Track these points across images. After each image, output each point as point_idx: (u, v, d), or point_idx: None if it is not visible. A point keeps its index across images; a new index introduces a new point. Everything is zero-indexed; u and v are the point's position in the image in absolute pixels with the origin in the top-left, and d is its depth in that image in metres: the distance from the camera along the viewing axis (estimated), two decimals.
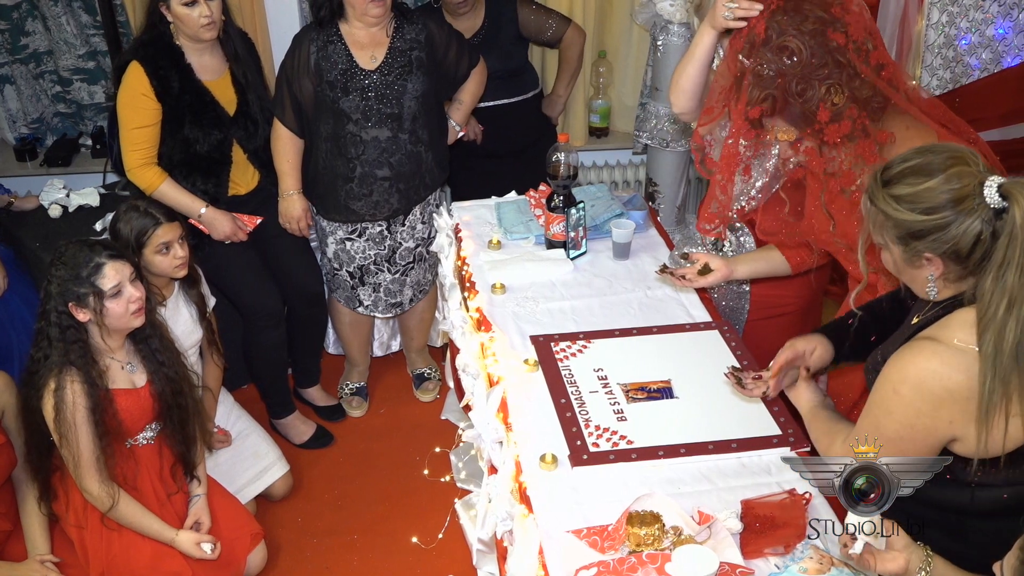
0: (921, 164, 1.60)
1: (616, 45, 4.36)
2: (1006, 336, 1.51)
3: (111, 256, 2.46)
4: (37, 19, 4.14)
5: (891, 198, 1.61)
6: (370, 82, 3.15)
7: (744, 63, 2.01)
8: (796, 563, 1.81)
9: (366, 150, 3.20)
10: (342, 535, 3.17)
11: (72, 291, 2.41)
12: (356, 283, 3.46)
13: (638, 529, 1.85)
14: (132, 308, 2.48)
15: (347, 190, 3.26)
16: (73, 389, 2.44)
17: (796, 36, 1.94)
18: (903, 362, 1.64)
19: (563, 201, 2.88)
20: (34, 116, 4.37)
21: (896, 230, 1.63)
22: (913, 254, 1.63)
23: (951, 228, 1.55)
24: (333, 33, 3.15)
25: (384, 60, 3.16)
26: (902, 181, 1.60)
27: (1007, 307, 1.50)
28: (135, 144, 3.06)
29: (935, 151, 1.61)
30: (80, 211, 3.75)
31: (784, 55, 1.94)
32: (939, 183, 1.56)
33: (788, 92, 1.96)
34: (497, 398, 2.34)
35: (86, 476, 2.50)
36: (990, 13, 3.18)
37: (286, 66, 3.19)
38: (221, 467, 3.05)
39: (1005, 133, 3.28)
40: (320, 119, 3.19)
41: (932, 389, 1.59)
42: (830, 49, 1.92)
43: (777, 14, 1.97)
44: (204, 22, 2.99)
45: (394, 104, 3.17)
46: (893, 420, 1.65)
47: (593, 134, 4.50)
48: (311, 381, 3.73)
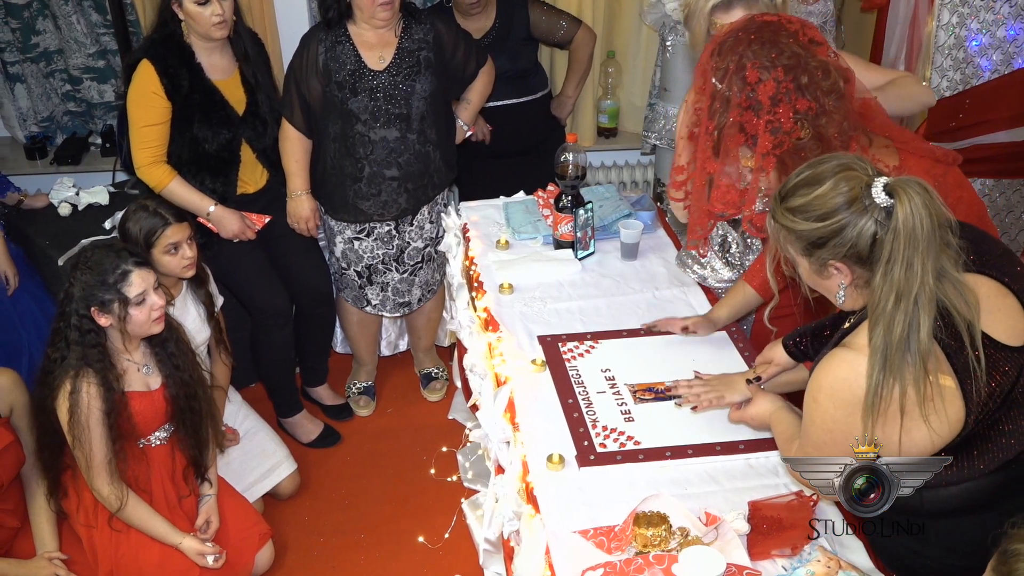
0: (811, 175, 1.65)
1: (625, 45, 4.36)
2: (894, 329, 1.55)
3: (137, 263, 2.47)
4: (48, 18, 4.16)
5: (787, 211, 1.66)
6: (378, 83, 3.15)
7: (716, 86, 2.03)
8: (803, 565, 1.80)
9: (374, 150, 3.20)
10: (349, 534, 3.18)
11: (96, 296, 2.42)
12: (364, 282, 3.46)
13: (645, 530, 1.85)
14: (154, 315, 2.49)
15: (355, 190, 3.26)
16: (89, 392, 2.45)
17: (768, 68, 1.96)
18: (820, 372, 1.69)
19: (571, 201, 2.87)
20: (44, 115, 4.38)
21: (799, 242, 1.68)
22: (820, 264, 1.67)
23: (847, 231, 1.60)
24: (341, 34, 3.15)
25: (392, 61, 3.16)
26: (795, 193, 1.66)
27: (895, 301, 1.55)
28: (144, 142, 3.07)
29: (824, 161, 1.67)
30: (90, 209, 3.77)
31: (754, 88, 1.97)
32: (828, 189, 1.61)
33: (753, 124, 1.98)
34: (504, 398, 2.33)
35: (97, 477, 2.51)
36: (1001, 14, 3.17)
37: (294, 66, 3.19)
38: (229, 465, 3.06)
39: (1014, 135, 3.27)
40: (328, 119, 3.20)
41: (843, 397, 1.63)
42: (801, 86, 1.95)
43: (754, 45, 1.99)
44: (216, 21, 3.00)
45: (402, 104, 3.17)
46: (815, 427, 1.70)
47: (602, 134, 4.50)
48: (318, 380, 3.74)
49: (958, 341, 1.58)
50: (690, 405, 2.25)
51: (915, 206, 1.53)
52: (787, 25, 2.01)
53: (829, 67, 1.98)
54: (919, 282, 1.54)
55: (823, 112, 1.96)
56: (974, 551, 1.67)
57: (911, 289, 1.54)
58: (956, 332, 1.59)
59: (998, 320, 1.65)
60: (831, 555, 1.81)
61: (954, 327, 1.59)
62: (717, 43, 2.05)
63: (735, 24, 2.08)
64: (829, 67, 1.98)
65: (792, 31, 1.99)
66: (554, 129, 4.01)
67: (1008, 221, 3.43)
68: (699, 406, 2.23)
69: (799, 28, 2.00)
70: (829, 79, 1.97)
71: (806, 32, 2.00)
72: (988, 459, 1.67)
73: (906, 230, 1.53)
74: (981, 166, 3.38)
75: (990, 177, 3.40)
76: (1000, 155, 3.32)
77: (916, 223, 1.53)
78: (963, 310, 1.58)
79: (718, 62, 2.03)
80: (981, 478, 1.68)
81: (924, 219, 1.53)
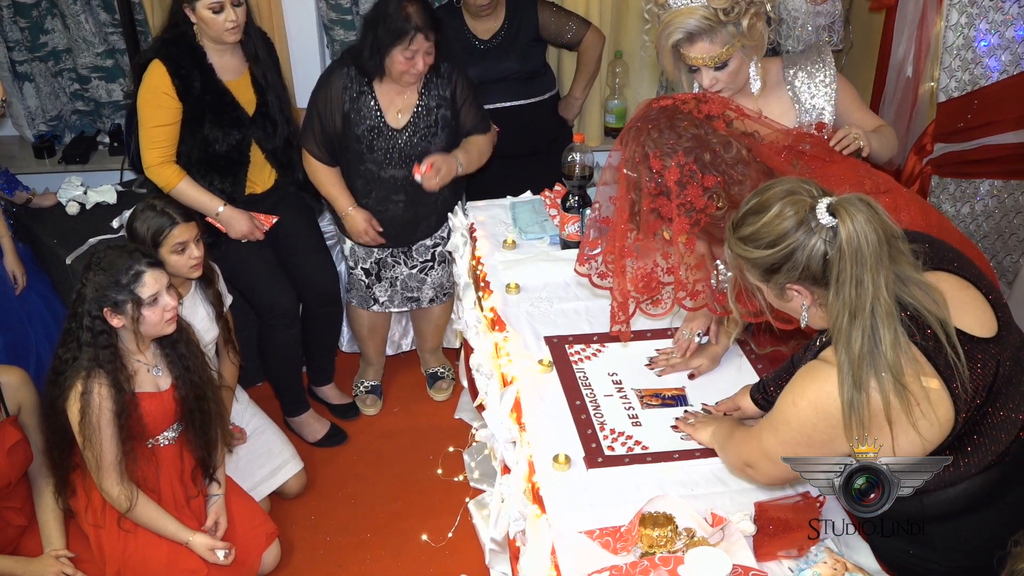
0: (758, 203, 1.68)
1: (632, 45, 4.35)
2: (852, 346, 1.57)
3: (150, 264, 2.47)
4: (56, 17, 4.17)
5: (740, 240, 1.69)
6: (395, 141, 3.21)
7: (629, 175, 2.08)
8: (809, 566, 1.80)
9: (383, 184, 3.28)
10: (355, 533, 3.18)
11: (109, 297, 2.42)
12: (372, 280, 3.47)
13: (651, 530, 1.85)
14: (167, 316, 2.50)
15: (363, 204, 3.32)
16: (100, 393, 2.46)
17: (670, 155, 2.02)
18: (804, 380, 1.70)
19: (578, 201, 2.87)
20: (52, 114, 4.39)
21: (755, 270, 1.70)
22: (779, 288, 1.70)
23: (797, 254, 1.62)
24: (366, 83, 3.18)
25: (411, 120, 3.21)
26: (745, 223, 1.69)
27: (849, 318, 1.57)
28: (154, 142, 3.08)
29: (769, 188, 1.70)
30: (97, 208, 3.78)
31: (661, 175, 2.02)
32: (775, 215, 1.64)
33: (667, 208, 2.04)
34: (511, 398, 2.34)
35: (106, 478, 2.52)
36: (1010, 15, 3.15)
37: (318, 101, 3.22)
38: (235, 464, 3.06)
39: (1021, 136, 3.26)
40: (345, 148, 3.26)
41: (827, 409, 1.63)
42: (704, 164, 2.01)
43: (652, 133, 2.04)
44: (229, 26, 3.01)
45: (417, 157, 3.22)
46: (790, 428, 1.71)
47: (609, 134, 4.49)
48: (325, 379, 3.74)
49: (935, 341, 1.60)
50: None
51: (858, 223, 1.55)
52: (682, 107, 2.07)
53: (729, 139, 2.04)
54: (871, 297, 1.56)
55: (732, 182, 2.01)
56: (979, 551, 1.67)
57: (864, 305, 1.56)
58: (931, 332, 1.60)
59: (966, 314, 1.67)
60: (837, 557, 1.81)
61: (928, 328, 1.60)
62: (623, 133, 2.12)
63: (635, 114, 2.13)
64: (729, 139, 2.04)
65: (687, 112, 2.06)
66: (562, 130, 4.01)
67: (1017, 222, 3.42)
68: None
69: (693, 106, 2.06)
70: (731, 151, 2.03)
71: (701, 109, 2.06)
72: (982, 454, 1.67)
73: (851, 248, 1.55)
74: (989, 167, 3.38)
75: (999, 178, 3.39)
76: (1008, 156, 3.31)
77: (861, 240, 1.55)
78: (933, 309, 1.60)
79: (625, 152, 2.09)
80: (977, 476, 1.68)
81: (868, 235, 1.55)
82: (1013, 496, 1.72)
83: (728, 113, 2.09)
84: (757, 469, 1.85)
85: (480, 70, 3.59)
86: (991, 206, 3.44)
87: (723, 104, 2.10)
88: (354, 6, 4.05)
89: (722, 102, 2.10)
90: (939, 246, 1.80)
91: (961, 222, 3.48)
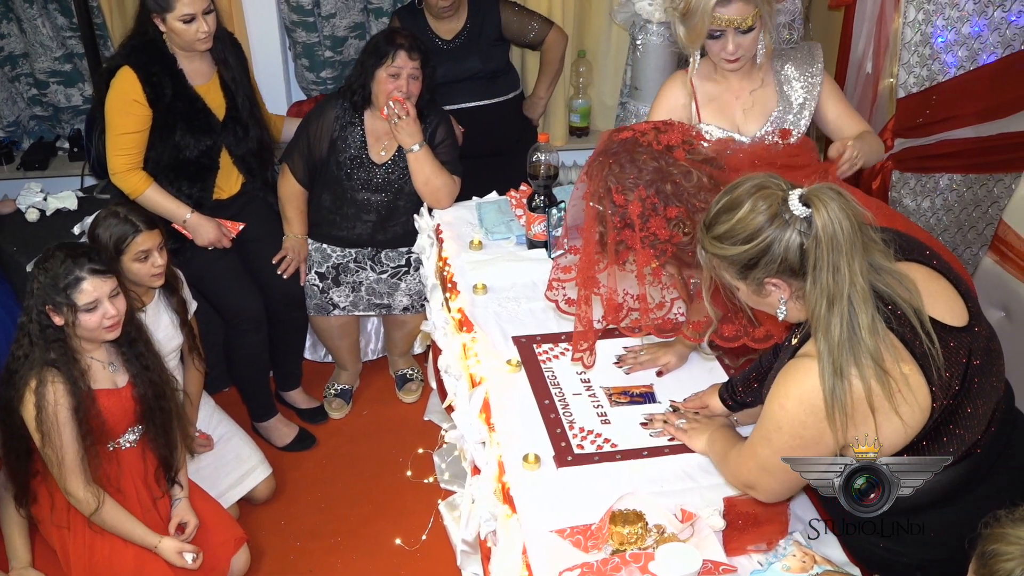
0: (728, 201, 1.69)
1: (596, 45, 4.37)
2: (832, 333, 1.58)
3: (93, 271, 2.43)
4: (12, 21, 4.11)
5: (714, 240, 1.70)
6: (375, 174, 3.31)
7: (596, 208, 2.11)
8: (779, 560, 1.82)
9: (357, 206, 3.37)
10: (325, 537, 3.16)
11: (50, 296, 2.41)
12: (328, 284, 3.45)
13: (621, 528, 1.86)
14: (106, 323, 2.46)
15: (330, 220, 3.40)
16: (55, 388, 2.42)
17: (632, 189, 2.05)
18: (787, 379, 1.70)
19: (544, 201, 2.88)
20: (10, 119, 4.33)
21: (732, 268, 1.71)
22: (757, 284, 1.70)
23: (774, 247, 1.63)
24: (357, 116, 3.28)
25: (393, 157, 3.30)
26: (718, 221, 1.70)
27: (827, 305, 1.59)
28: (122, 148, 3.04)
29: (739, 185, 1.71)
30: (58, 214, 3.72)
31: (624, 208, 2.06)
32: (748, 211, 1.65)
33: (633, 240, 2.08)
34: (479, 399, 2.34)
35: (70, 478, 2.48)
36: (966, 11, 3.20)
37: (310, 124, 3.31)
38: (203, 471, 3.03)
39: (979, 130, 3.31)
40: (325, 170, 3.33)
41: (814, 402, 1.64)
42: (666, 195, 2.05)
43: (614, 167, 2.07)
44: (202, 36, 3.00)
45: (395, 188, 3.34)
46: (783, 433, 1.70)
47: (573, 133, 4.50)
48: (293, 384, 3.72)
49: (910, 328, 1.62)
50: (658, 430, 2.25)
51: (832, 211, 1.57)
52: (641, 139, 2.10)
53: (689, 169, 2.06)
54: (848, 283, 1.57)
55: (696, 210, 2.03)
56: (948, 543, 1.69)
57: (841, 291, 1.58)
58: (906, 320, 1.62)
59: (938, 303, 1.70)
60: (806, 550, 1.83)
61: (903, 315, 1.62)
62: (588, 165, 2.15)
63: (597, 147, 2.17)
64: (689, 169, 2.06)
65: (646, 144, 2.08)
66: (526, 130, 4.02)
67: (976, 216, 3.47)
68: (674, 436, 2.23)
69: (652, 138, 2.09)
70: (692, 180, 2.06)
71: (660, 139, 2.09)
72: (956, 445, 1.69)
73: (827, 236, 1.57)
74: (949, 161, 3.42)
75: (958, 172, 3.44)
76: (967, 150, 3.35)
77: (836, 228, 1.57)
78: (907, 297, 1.62)
79: (590, 185, 2.12)
80: (949, 468, 1.70)
81: (842, 221, 1.57)
82: (982, 490, 1.74)
83: (688, 140, 2.11)
84: (759, 489, 1.83)
85: (443, 70, 3.58)
86: (951, 200, 3.49)
87: (683, 132, 2.13)
88: (316, 8, 4.02)
89: (682, 129, 2.13)
90: (908, 238, 1.82)
91: (922, 216, 3.52)
